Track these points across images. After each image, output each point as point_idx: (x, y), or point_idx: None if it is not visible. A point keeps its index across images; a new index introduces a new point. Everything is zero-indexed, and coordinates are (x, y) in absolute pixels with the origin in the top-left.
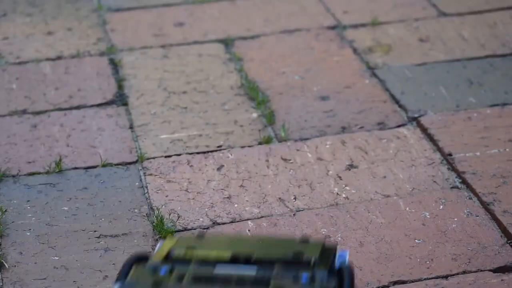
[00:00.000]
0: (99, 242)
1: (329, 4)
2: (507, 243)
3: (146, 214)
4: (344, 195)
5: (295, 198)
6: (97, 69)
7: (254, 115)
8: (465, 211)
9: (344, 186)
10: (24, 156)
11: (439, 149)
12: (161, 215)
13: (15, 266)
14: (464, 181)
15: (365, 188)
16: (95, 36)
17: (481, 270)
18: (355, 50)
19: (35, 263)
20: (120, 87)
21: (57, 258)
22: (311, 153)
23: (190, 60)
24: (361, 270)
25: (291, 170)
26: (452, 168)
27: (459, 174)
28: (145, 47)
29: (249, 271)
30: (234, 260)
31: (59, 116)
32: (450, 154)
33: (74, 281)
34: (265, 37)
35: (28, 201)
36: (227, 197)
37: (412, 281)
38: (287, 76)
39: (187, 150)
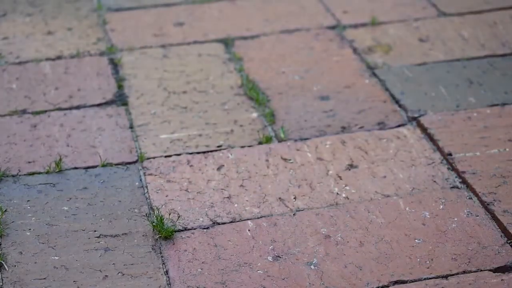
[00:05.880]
0: (99, 242)
1: (329, 4)
2: (507, 243)
3: (146, 214)
4: (344, 195)
5: (295, 198)
6: (97, 69)
7: (254, 115)
8: (465, 211)
9: (344, 186)
10: (24, 156)
11: (439, 149)
12: (161, 215)
13: (15, 266)
14: (464, 181)
15: (365, 188)
16: (95, 36)
17: (481, 270)
18: (355, 50)
19: (35, 263)
20: (120, 87)
21: (57, 258)
22: (311, 153)
23: (190, 60)
24: (361, 270)
25: (291, 170)
26: (452, 168)
27: (459, 174)
28: (145, 47)
29: None
30: None
31: (59, 116)
32: (450, 154)
33: (74, 281)
34: (265, 37)
35: (28, 201)
36: (227, 197)
37: (412, 281)
38: (287, 76)
39: (187, 150)
